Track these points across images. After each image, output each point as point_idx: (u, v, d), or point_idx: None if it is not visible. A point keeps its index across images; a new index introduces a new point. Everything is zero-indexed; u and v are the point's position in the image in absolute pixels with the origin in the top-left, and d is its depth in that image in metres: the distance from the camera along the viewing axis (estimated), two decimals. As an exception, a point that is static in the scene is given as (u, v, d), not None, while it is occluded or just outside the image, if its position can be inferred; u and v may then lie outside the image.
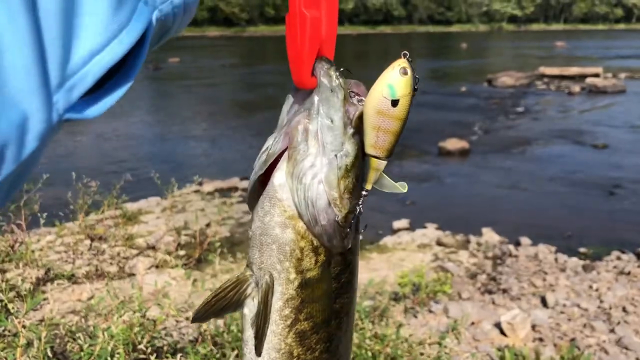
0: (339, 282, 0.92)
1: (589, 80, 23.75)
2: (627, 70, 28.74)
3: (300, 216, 0.85)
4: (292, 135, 0.84)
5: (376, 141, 0.84)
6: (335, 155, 0.85)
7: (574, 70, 26.77)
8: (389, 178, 0.90)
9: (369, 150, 0.85)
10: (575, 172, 11.50)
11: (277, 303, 0.88)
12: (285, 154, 0.85)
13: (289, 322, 0.89)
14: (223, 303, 0.88)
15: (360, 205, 0.89)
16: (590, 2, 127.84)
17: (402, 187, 0.91)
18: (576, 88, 22.71)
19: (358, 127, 0.86)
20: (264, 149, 0.87)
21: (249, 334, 0.91)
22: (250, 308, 0.90)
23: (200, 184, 9.57)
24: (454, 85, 25.58)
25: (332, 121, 0.84)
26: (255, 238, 0.87)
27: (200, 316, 0.89)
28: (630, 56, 40.39)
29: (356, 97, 0.87)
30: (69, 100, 0.52)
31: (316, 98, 0.84)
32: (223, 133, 16.14)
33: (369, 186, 0.89)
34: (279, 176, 0.85)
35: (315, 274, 0.88)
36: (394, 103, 0.80)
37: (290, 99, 0.87)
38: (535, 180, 11.08)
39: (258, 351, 0.90)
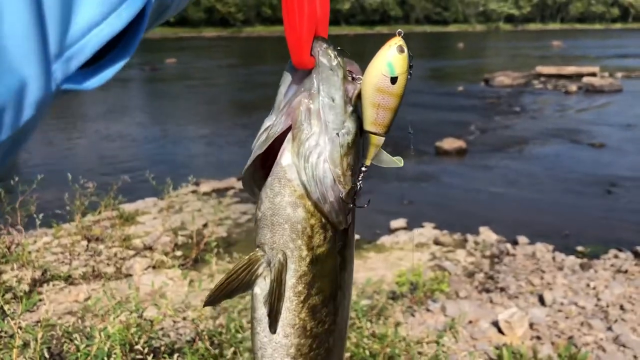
0: (342, 256, 0.96)
1: (585, 79, 23.79)
2: (623, 70, 28.79)
3: (308, 195, 0.87)
4: (295, 115, 0.85)
5: (376, 118, 0.86)
6: (337, 134, 0.87)
7: (570, 69, 26.82)
8: (387, 153, 0.92)
9: (369, 127, 0.87)
10: (572, 171, 11.51)
11: (290, 280, 0.90)
12: (289, 134, 0.86)
13: (302, 298, 0.92)
14: (235, 284, 0.89)
15: (360, 181, 0.92)
16: (587, 2, 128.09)
17: (399, 162, 0.93)
18: (573, 87, 22.75)
19: (356, 105, 0.87)
20: (262, 129, 0.88)
21: (262, 312, 0.92)
22: (262, 287, 0.91)
23: (197, 184, 9.56)
24: (451, 84, 25.60)
25: (333, 100, 0.86)
26: (266, 219, 0.89)
27: (213, 299, 0.90)
28: (626, 55, 40.48)
29: (353, 75, 0.88)
30: (67, 71, 0.53)
31: (316, 77, 0.85)
32: (220, 133, 16.13)
33: (368, 162, 0.93)
34: (286, 157, 0.86)
35: (324, 249, 0.91)
36: (393, 80, 0.83)
37: (286, 80, 0.88)
38: (532, 179, 11.09)
39: (273, 328, 0.92)
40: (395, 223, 8.25)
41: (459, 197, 10.01)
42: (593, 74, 25.61)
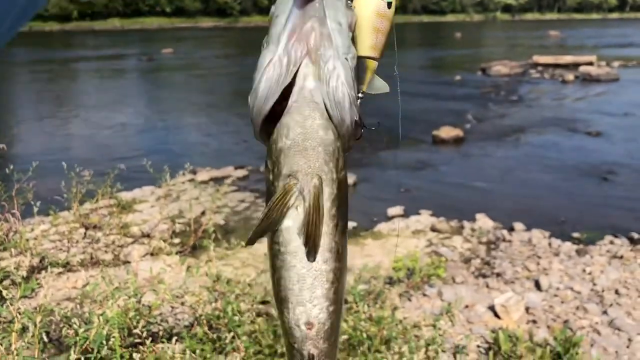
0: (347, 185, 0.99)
1: (582, 68, 23.77)
2: (620, 59, 28.77)
3: (330, 118, 0.89)
4: (310, 40, 0.87)
5: (375, 42, 0.91)
6: (346, 58, 0.89)
7: (567, 58, 26.78)
8: (379, 78, 0.96)
9: (367, 52, 0.92)
10: (568, 159, 11.54)
11: (326, 204, 0.91)
12: (306, 59, 0.88)
13: (336, 222, 0.93)
14: (274, 218, 0.90)
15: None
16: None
17: (386, 87, 0.97)
18: (570, 76, 22.73)
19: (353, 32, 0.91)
20: (266, 64, 0.89)
21: (296, 244, 0.92)
22: (294, 218, 0.91)
23: (194, 172, 9.56)
24: (448, 74, 25.56)
25: (340, 25, 0.88)
26: (298, 145, 0.89)
27: (256, 236, 0.91)
28: (623, 45, 40.43)
29: (349, 2, 0.92)
30: None
31: (322, 4, 0.87)
32: (217, 123, 16.10)
33: (365, 88, 0.96)
34: (310, 80, 0.88)
35: (344, 173, 0.94)
36: (389, 5, 0.89)
37: (284, 10, 0.89)
38: (529, 167, 11.12)
39: (313, 256, 0.92)
40: (392, 210, 8.27)
41: (455, 185, 10.03)
42: (590, 63, 25.58)
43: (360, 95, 0.95)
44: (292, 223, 0.91)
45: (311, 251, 0.91)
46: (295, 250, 0.92)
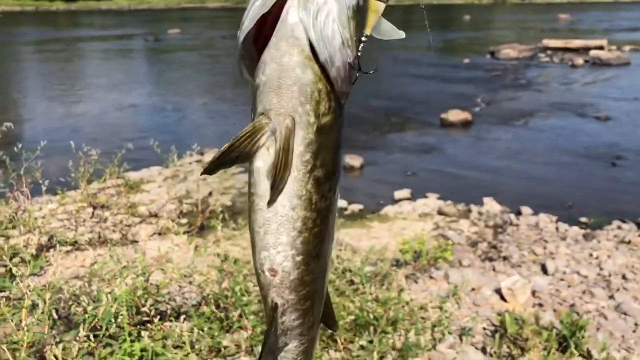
0: (339, 134, 0.95)
1: (592, 52, 23.49)
2: (631, 43, 28.39)
3: (316, 56, 0.84)
4: None
5: None
6: None
7: (577, 42, 26.46)
8: (387, 22, 0.89)
9: None
10: (577, 144, 11.46)
11: (298, 148, 0.88)
12: None
13: (309, 168, 0.89)
14: (236, 153, 0.87)
15: (360, 51, 0.89)
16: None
17: (400, 34, 0.90)
18: (579, 60, 22.48)
19: None
20: None
21: (265, 186, 0.89)
22: (264, 159, 0.88)
23: (202, 153, 9.55)
24: (457, 57, 25.33)
25: None
26: (273, 82, 0.85)
27: (213, 167, 0.89)
28: (635, 28, 39.88)
29: None
30: None
31: None
32: (224, 103, 16.07)
33: (368, 31, 0.88)
34: (293, 14, 0.82)
35: (329, 119, 0.89)
36: None
37: None
38: (537, 151, 11.05)
39: (273, 199, 0.89)
40: (399, 193, 8.25)
41: (463, 169, 10.00)
42: (600, 47, 25.25)
43: (363, 38, 0.89)
44: (262, 164, 0.89)
45: (275, 193, 0.88)
46: (263, 193, 0.90)
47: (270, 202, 0.89)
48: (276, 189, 0.87)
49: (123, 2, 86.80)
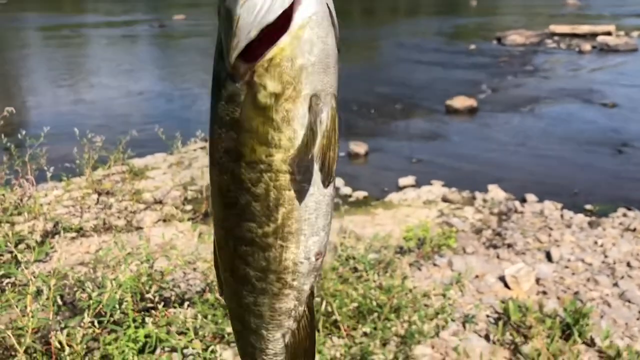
0: None
1: (600, 38, 23.25)
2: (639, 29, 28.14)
3: (335, 33, 0.85)
4: None
5: None
6: None
7: (585, 28, 26.19)
8: None
9: None
10: (583, 131, 11.39)
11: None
12: None
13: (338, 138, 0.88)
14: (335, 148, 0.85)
15: None
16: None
17: None
18: (587, 46, 22.28)
19: None
20: None
21: (313, 170, 0.87)
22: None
23: (206, 140, 9.55)
24: (462, 43, 25.14)
25: None
26: (322, 61, 0.83)
27: (329, 180, 0.88)
28: (643, 14, 39.51)
29: None
30: None
31: None
32: (229, 91, 16.01)
33: None
34: None
35: None
36: None
37: None
38: (543, 139, 11.00)
39: (329, 181, 0.86)
40: (404, 181, 8.24)
41: (468, 156, 9.96)
42: (608, 33, 25.01)
43: None
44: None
45: (328, 176, 0.86)
46: (313, 177, 0.88)
47: (325, 183, 0.87)
48: (327, 170, 0.85)
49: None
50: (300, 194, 0.88)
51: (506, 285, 4.98)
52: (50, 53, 24.28)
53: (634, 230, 6.46)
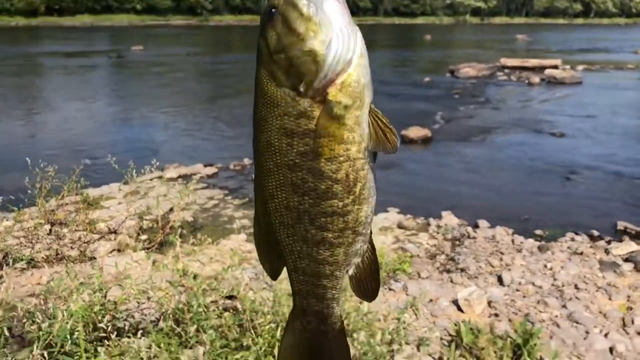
0: None
1: (548, 71, 24.28)
2: (584, 63, 29.51)
3: None
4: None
5: None
6: None
7: (533, 62, 27.34)
8: None
9: None
10: (533, 159, 11.80)
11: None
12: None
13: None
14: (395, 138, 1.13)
15: None
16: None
17: None
18: (536, 79, 23.22)
19: None
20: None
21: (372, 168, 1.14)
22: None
23: (162, 169, 9.50)
24: (417, 75, 25.83)
25: None
26: (370, 79, 1.09)
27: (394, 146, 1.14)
28: (587, 49, 41.45)
29: None
30: None
31: None
32: (186, 120, 15.99)
33: None
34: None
35: None
36: None
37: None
38: (494, 167, 11.34)
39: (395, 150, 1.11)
40: (361, 208, 8.33)
41: (423, 184, 10.18)
42: (555, 67, 26.16)
43: None
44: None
45: (394, 147, 1.12)
46: (372, 154, 1.13)
47: (393, 151, 1.12)
48: (393, 144, 1.11)
49: (85, 19, 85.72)
50: (370, 170, 1.14)
51: (459, 309, 5.09)
52: (3, 82, 23.77)
53: (581, 253, 6.69)
